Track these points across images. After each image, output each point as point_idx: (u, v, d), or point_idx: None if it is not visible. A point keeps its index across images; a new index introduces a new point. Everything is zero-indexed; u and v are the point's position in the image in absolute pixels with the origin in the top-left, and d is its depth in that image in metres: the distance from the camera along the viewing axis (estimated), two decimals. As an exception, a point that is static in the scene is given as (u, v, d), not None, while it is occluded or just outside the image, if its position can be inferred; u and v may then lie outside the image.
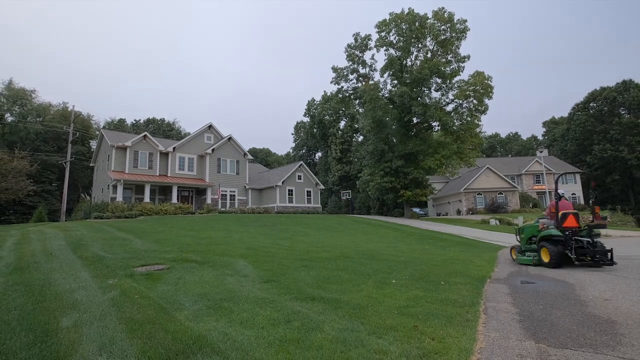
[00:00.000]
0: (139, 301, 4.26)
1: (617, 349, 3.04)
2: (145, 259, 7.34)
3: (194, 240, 11.17)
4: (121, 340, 3.06)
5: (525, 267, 8.25)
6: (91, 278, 5.57)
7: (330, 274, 6.33)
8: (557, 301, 4.77)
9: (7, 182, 25.72)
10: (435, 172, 36.82)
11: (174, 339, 3.10)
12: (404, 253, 10.19)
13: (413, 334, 3.36)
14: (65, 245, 9.37)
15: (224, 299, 4.46)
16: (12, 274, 5.88)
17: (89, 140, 51.51)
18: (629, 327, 3.60)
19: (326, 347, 3.01)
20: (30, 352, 2.80)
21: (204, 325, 3.49)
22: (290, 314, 3.88)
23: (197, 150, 32.95)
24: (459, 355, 2.90)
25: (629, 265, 8.13)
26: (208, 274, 5.98)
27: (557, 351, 3.01)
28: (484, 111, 33.22)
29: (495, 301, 4.81)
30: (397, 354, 2.90)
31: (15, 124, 45.09)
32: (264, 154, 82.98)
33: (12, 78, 51.45)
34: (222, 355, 2.79)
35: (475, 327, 3.65)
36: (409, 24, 34.09)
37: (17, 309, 3.94)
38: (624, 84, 56.85)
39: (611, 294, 5.13)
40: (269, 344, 3.06)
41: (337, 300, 4.51)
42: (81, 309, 3.93)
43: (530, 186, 49.07)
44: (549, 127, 76.21)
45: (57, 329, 3.32)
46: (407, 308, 4.27)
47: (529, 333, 3.48)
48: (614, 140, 53.75)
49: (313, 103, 64.38)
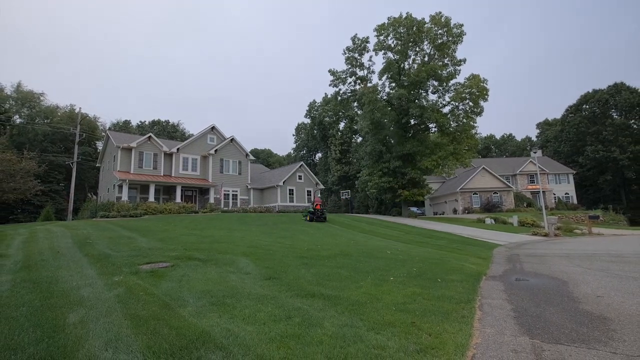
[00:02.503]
0: (144, 298, 4.26)
1: (609, 344, 3.04)
2: (150, 256, 7.34)
3: (198, 239, 11.17)
4: (127, 336, 3.05)
5: (520, 264, 8.26)
6: (97, 275, 5.56)
7: (330, 271, 6.32)
8: (550, 298, 4.77)
9: (16, 182, 25.71)
10: (432, 173, 36.84)
11: (178, 334, 3.10)
12: (402, 251, 10.18)
13: (411, 330, 3.36)
14: (72, 244, 9.37)
15: (227, 295, 4.46)
16: (21, 271, 5.88)
17: (95, 141, 51.53)
18: (620, 323, 3.60)
19: (326, 342, 3.01)
20: (38, 348, 2.80)
21: (207, 321, 3.49)
22: (291, 311, 3.88)
23: (200, 151, 32.94)
24: (456, 351, 2.90)
25: (620, 262, 8.13)
26: (211, 272, 5.98)
27: (551, 346, 3.01)
28: (479, 113, 33.25)
29: (490, 298, 4.81)
30: (395, 349, 2.90)
31: (23, 126, 45.10)
32: (266, 155, 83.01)
33: (20, 81, 51.38)
34: (225, 351, 2.79)
35: (471, 323, 3.65)
36: (407, 28, 34.12)
37: (25, 305, 3.94)
38: (615, 87, 56.89)
39: (603, 291, 5.13)
40: (271, 339, 3.06)
41: (336, 297, 4.51)
42: (87, 306, 3.93)
43: (524, 186, 49.07)
44: (542, 128, 76.24)
45: (64, 325, 3.31)
46: (405, 305, 4.26)
47: (523, 329, 3.47)
48: (606, 141, 53.77)
49: (314, 105, 64.41)
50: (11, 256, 7.50)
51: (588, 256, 9.70)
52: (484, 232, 20.22)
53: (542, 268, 7.53)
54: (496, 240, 15.59)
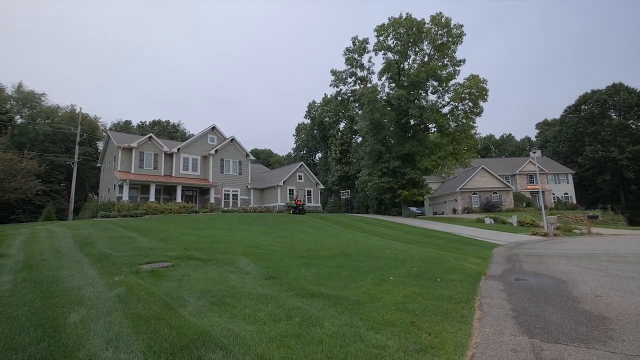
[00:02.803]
0: (145, 297, 4.25)
1: (608, 344, 3.04)
2: (151, 256, 7.33)
3: (198, 239, 11.16)
4: (127, 336, 3.05)
5: (519, 264, 8.25)
6: (98, 275, 5.56)
7: (330, 271, 6.32)
8: (549, 297, 4.77)
9: (17, 182, 25.70)
10: (431, 173, 36.85)
11: (179, 334, 3.10)
12: (402, 251, 10.18)
13: (410, 329, 3.35)
14: (73, 244, 9.36)
15: (227, 295, 4.45)
16: (22, 271, 5.87)
17: (96, 141, 51.51)
18: (619, 323, 3.60)
19: (326, 342, 3.00)
20: (39, 347, 2.80)
21: (208, 320, 3.49)
22: (291, 310, 3.88)
23: (200, 151, 32.93)
24: (455, 350, 2.90)
25: (619, 262, 8.13)
26: (211, 271, 5.97)
27: (550, 346, 3.00)
28: (479, 113, 33.24)
29: (490, 297, 4.81)
30: (394, 348, 2.90)
31: (25, 126, 45.08)
32: (266, 155, 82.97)
33: (22, 81, 51.27)
34: (225, 350, 2.78)
35: (471, 322, 3.64)
36: (406, 29, 34.09)
37: (26, 305, 3.93)
38: (614, 87, 56.89)
39: (602, 291, 5.13)
40: (271, 339, 3.05)
41: (336, 297, 4.51)
42: (88, 305, 3.92)
43: (523, 186, 49.06)
44: (542, 128, 76.22)
45: (65, 325, 3.31)
46: (405, 304, 4.26)
47: (522, 328, 3.47)
48: (605, 141, 53.76)
49: (314, 105, 64.40)
50: (12, 256, 7.50)
51: (587, 256, 9.70)
52: (484, 231, 20.21)
53: (541, 268, 7.52)
54: (495, 240, 15.59)
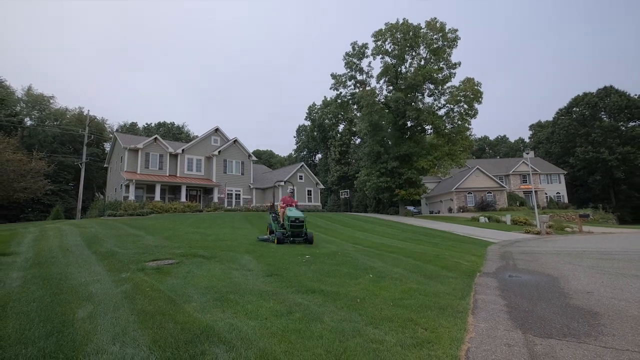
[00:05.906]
0: (150, 294, 4.25)
1: (599, 338, 3.04)
2: (156, 254, 7.33)
3: (202, 237, 11.16)
4: (133, 331, 3.05)
5: (513, 261, 8.24)
6: (105, 272, 5.56)
7: (329, 268, 6.31)
8: (542, 294, 4.77)
9: (26, 182, 25.73)
10: (428, 173, 36.85)
11: (183, 329, 3.10)
12: (399, 248, 10.17)
13: (407, 325, 3.35)
14: (81, 242, 9.36)
15: (230, 291, 4.45)
16: (31, 268, 5.87)
17: (103, 142, 51.53)
18: (610, 318, 3.60)
19: (326, 336, 3.00)
20: (48, 342, 2.80)
21: (211, 316, 3.49)
22: (292, 306, 3.88)
23: (204, 152, 32.94)
24: (451, 344, 2.90)
25: (609, 260, 8.13)
26: (215, 269, 5.97)
27: (543, 341, 3.00)
28: (474, 115, 33.26)
29: (484, 294, 4.80)
30: (392, 343, 2.90)
31: (34, 128, 45.08)
32: (268, 156, 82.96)
33: (31, 84, 51.47)
34: (228, 345, 2.78)
35: (466, 318, 3.64)
36: (403, 34, 34.13)
37: (35, 301, 3.93)
38: (604, 90, 56.91)
39: (593, 287, 5.13)
40: (272, 334, 3.05)
41: (336, 293, 4.51)
42: (95, 301, 3.92)
43: (517, 186, 49.08)
44: (535, 130, 76.19)
45: (73, 320, 3.31)
46: (402, 300, 4.26)
47: (516, 324, 3.47)
48: (596, 142, 53.80)
49: (314, 107, 64.39)
50: (22, 253, 7.50)
51: (578, 253, 9.69)
52: (478, 230, 20.21)
53: (534, 265, 7.52)
54: (490, 238, 15.58)
